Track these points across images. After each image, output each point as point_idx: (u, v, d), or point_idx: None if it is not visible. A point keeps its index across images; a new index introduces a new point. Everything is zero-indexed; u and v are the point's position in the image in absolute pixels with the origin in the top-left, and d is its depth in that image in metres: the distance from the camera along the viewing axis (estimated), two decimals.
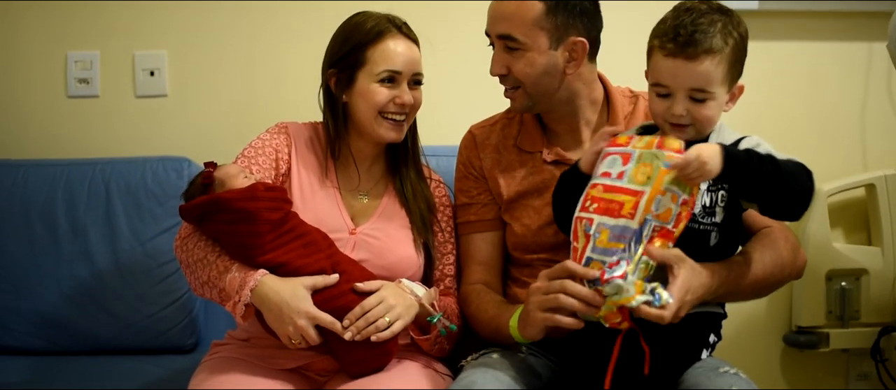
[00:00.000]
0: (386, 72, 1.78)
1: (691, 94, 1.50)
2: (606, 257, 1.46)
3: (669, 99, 1.52)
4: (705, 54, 1.48)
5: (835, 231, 2.46)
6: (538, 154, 1.83)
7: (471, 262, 1.86)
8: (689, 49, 1.47)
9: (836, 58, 2.49)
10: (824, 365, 2.50)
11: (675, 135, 1.53)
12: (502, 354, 1.68)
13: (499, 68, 1.74)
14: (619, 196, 1.47)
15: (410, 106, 1.82)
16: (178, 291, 2.20)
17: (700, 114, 1.51)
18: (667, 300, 1.42)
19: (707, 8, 1.52)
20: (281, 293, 1.61)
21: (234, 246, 1.67)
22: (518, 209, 1.82)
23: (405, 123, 1.83)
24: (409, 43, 1.81)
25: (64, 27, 2.43)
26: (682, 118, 1.52)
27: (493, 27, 1.72)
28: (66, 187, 2.24)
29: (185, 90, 2.45)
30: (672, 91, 1.51)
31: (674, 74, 1.50)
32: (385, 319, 1.62)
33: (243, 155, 1.82)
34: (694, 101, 1.51)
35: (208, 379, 1.65)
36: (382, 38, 1.78)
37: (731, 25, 1.52)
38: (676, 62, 1.49)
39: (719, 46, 1.49)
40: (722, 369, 1.53)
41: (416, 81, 1.83)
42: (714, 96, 1.51)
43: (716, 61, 1.49)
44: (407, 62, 1.79)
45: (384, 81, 1.78)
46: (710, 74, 1.49)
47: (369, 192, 1.88)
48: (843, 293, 2.40)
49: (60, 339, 2.18)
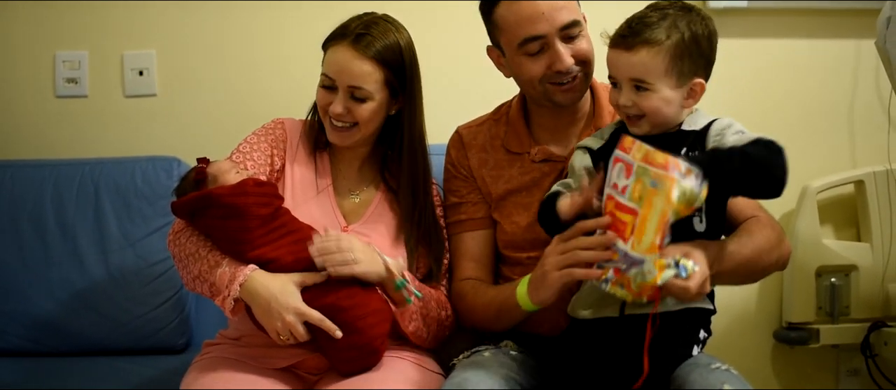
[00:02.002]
0: (324, 76, 1.78)
1: (634, 83, 1.54)
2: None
3: (617, 90, 1.57)
4: (642, 45, 1.52)
5: (824, 227, 2.47)
6: (526, 154, 1.83)
7: (462, 260, 1.85)
8: (628, 39, 1.53)
9: (824, 55, 2.50)
10: (814, 361, 2.51)
11: (631, 126, 1.58)
12: (494, 353, 1.69)
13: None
14: (624, 215, 1.44)
15: (343, 116, 1.77)
16: (169, 291, 2.19)
17: (644, 104, 1.54)
18: (693, 269, 1.42)
19: (668, 5, 1.55)
20: (270, 288, 1.61)
21: (224, 241, 1.67)
22: (507, 207, 1.82)
23: (351, 132, 1.79)
24: (356, 56, 1.74)
25: (52, 27, 2.42)
26: (628, 108, 1.56)
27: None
28: (54, 188, 2.23)
29: (174, 90, 2.45)
30: (618, 81, 1.56)
31: (614, 64, 1.56)
32: (351, 255, 1.63)
33: (238, 150, 1.82)
34: (638, 91, 1.54)
35: (199, 378, 1.65)
36: (333, 44, 1.77)
37: (685, 21, 1.53)
38: (617, 52, 1.55)
39: (658, 38, 1.51)
40: (713, 365, 1.54)
41: (357, 97, 1.76)
42: (655, 88, 1.53)
43: (653, 52, 1.51)
44: (339, 72, 1.75)
45: (324, 86, 1.79)
46: (646, 65, 1.52)
47: (361, 192, 1.88)
48: (833, 289, 2.41)
49: (50, 341, 2.17)
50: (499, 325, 1.76)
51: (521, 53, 1.71)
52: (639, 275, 1.42)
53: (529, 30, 1.67)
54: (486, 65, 1.84)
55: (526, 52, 1.70)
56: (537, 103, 1.80)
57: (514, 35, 1.69)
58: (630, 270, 1.43)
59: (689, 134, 1.57)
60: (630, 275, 1.43)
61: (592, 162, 1.62)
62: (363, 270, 1.64)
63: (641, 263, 1.41)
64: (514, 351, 1.73)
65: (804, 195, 2.40)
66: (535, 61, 1.70)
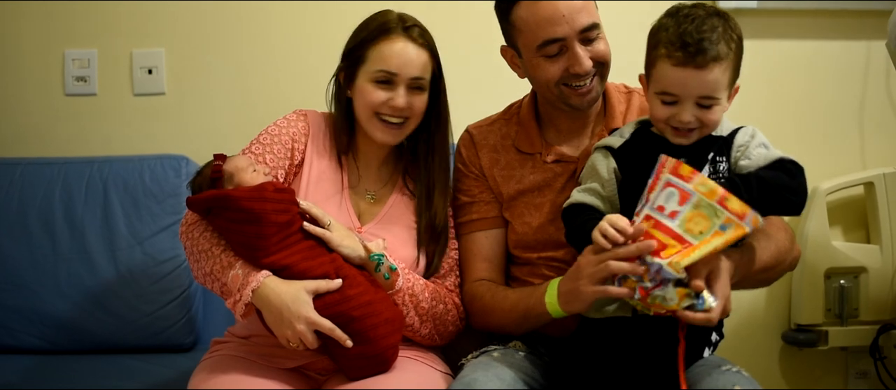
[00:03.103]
0: (380, 72, 1.75)
1: (699, 101, 1.51)
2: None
3: (675, 106, 1.52)
4: (714, 62, 1.48)
5: (834, 229, 2.46)
6: (537, 155, 1.82)
7: (474, 259, 1.84)
8: (698, 58, 1.48)
9: (834, 56, 2.49)
10: (823, 363, 2.50)
11: (678, 138, 1.54)
12: (503, 353, 1.68)
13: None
14: (664, 236, 1.44)
15: (404, 109, 1.77)
16: (177, 289, 2.19)
17: (707, 119, 1.52)
18: (711, 304, 1.43)
19: (704, 13, 1.52)
20: (282, 296, 1.60)
21: (239, 244, 1.66)
22: (519, 207, 1.82)
23: (403, 128, 1.79)
24: (414, 46, 1.76)
25: (61, 25, 2.43)
26: (690, 124, 1.52)
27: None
28: (63, 186, 2.24)
29: (183, 88, 2.45)
30: (680, 99, 1.51)
31: (683, 83, 1.50)
32: (327, 220, 1.68)
33: (258, 141, 1.80)
34: (701, 108, 1.51)
35: (208, 378, 1.64)
36: (385, 37, 1.75)
37: (730, 29, 1.52)
38: (686, 71, 1.49)
39: (726, 53, 1.49)
40: (724, 367, 1.54)
41: (417, 86, 1.78)
42: (720, 101, 1.52)
43: (723, 68, 1.49)
44: (403, 64, 1.75)
45: (380, 82, 1.76)
46: (718, 81, 1.50)
47: (376, 192, 1.87)
48: (842, 291, 2.40)
49: (59, 339, 2.18)
50: (520, 330, 1.75)
51: (539, 55, 1.70)
52: (660, 298, 1.43)
53: (549, 32, 1.66)
54: (496, 63, 1.84)
55: (544, 54, 1.69)
56: (551, 105, 1.79)
57: (534, 37, 1.68)
58: (654, 290, 1.43)
59: (716, 139, 1.56)
60: (652, 294, 1.44)
61: (615, 160, 1.61)
62: (337, 239, 1.67)
63: (667, 284, 1.43)
64: (523, 352, 1.72)
65: (814, 196, 2.39)
66: (553, 63, 1.69)
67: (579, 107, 1.76)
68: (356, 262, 1.69)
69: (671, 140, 1.56)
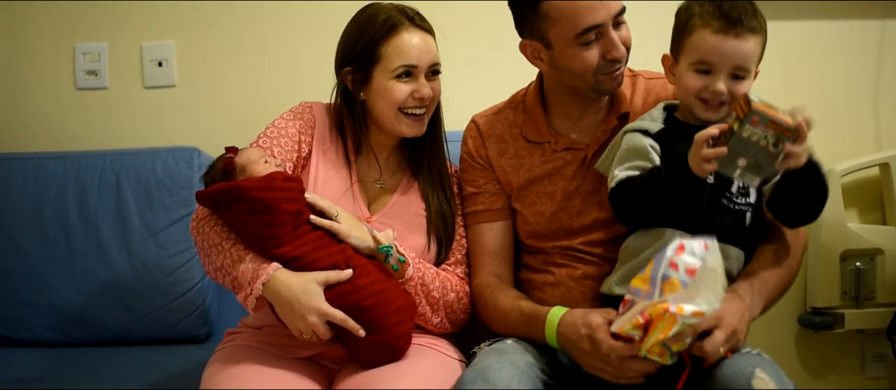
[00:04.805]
0: (402, 67, 1.75)
1: (734, 71, 1.54)
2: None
3: (709, 76, 1.55)
4: (751, 33, 1.53)
5: (849, 211, 2.44)
6: (546, 144, 1.81)
7: (481, 254, 1.83)
8: (738, 27, 1.51)
9: (848, 37, 2.46)
10: (839, 345, 2.49)
11: (708, 113, 1.56)
12: (517, 340, 1.68)
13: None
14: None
15: (430, 98, 1.79)
16: (190, 281, 2.20)
17: (737, 89, 1.54)
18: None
19: None
20: (293, 289, 1.60)
21: (249, 235, 1.66)
22: (529, 196, 1.81)
23: (426, 116, 1.81)
24: (424, 34, 1.77)
25: (72, 20, 2.44)
26: (722, 95, 1.54)
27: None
28: (76, 179, 2.25)
29: (194, 80, 2.45)
30: (715, 68, 1.54)
31: (722, 52, 1.53)
32: (334, 211, 1.68)
33: (265, 135, 1.80)
34: (734, 79, 1.54)
35: (222, 369, 1.64)
36: (396, 33, 1.75)
37: (759, 11, 1.56)
38: (726, 39, 1.52)
39: (759, 28, 1.54)
40: (744, 350, 1.54)
41: (434, 71, 1.80)
42: (750, 74, 1.56)
43: (757, 41, 1.54)
44: (422, 54, 1.76)
45: (401, 77, 1.76)
46: (753, 53, 1.54)
47: (386, 181, 1.87)
48: (858, 273, 2.38)
49: (73, 331, 2.19)
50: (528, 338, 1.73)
51: (577, 44, 1.67)
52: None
53: (589, 19, 1.64)
54: (500, 52, 1.83)
55: (582, 42, 1.67)
56: (579, 93, 1.76)
57: (572, 25, 1.65)
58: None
59: None
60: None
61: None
62: (346, 230, 1.67)
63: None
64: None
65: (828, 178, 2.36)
66: (590, 50, 1.67)
67: (610, 92, 1.76)
68: (365, 253, 1.69)
69: (699, 115, 1.58)
